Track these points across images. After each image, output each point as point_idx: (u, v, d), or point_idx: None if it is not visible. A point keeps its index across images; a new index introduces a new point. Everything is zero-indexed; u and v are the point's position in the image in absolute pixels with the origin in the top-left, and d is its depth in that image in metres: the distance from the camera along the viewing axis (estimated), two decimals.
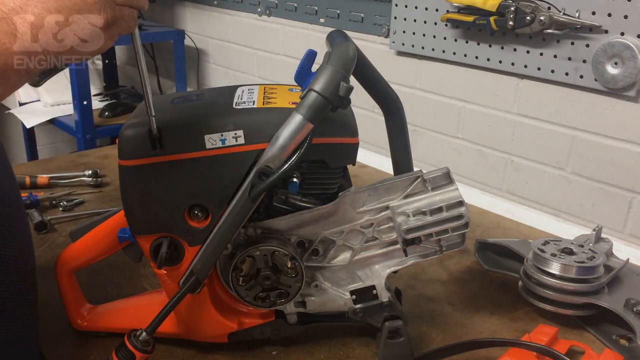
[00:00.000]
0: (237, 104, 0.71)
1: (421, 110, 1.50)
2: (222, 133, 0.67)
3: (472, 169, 1.44)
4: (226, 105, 0.71)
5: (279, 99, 0.73)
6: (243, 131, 0.67)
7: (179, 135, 0.68)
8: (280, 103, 0.71)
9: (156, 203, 0.70)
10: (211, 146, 0.67)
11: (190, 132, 0.68)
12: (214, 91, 0.78)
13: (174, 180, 0.68)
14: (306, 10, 1.73)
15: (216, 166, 0.68)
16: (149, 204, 0.70)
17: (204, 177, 0.68)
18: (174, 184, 0.69)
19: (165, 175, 0.68)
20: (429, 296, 0.95)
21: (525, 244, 0.98)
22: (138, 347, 0.69)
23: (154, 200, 0.69)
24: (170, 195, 0.69)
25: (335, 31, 0.73)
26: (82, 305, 0.82)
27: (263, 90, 0.76)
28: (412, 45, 1.45)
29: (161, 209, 0.70)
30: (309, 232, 0.74)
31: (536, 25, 1.16)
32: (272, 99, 0.72)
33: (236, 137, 0.67)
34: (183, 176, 0.68)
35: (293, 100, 0.71)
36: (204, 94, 0.75)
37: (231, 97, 0.73)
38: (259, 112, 0.69)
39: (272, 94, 0.74)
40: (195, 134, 0.67)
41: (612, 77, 1.11)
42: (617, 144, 1.17)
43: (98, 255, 0.78)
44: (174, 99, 0.75)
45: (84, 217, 1.16)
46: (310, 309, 0.78)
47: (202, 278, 0.71)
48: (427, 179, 0.73)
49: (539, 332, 0.80)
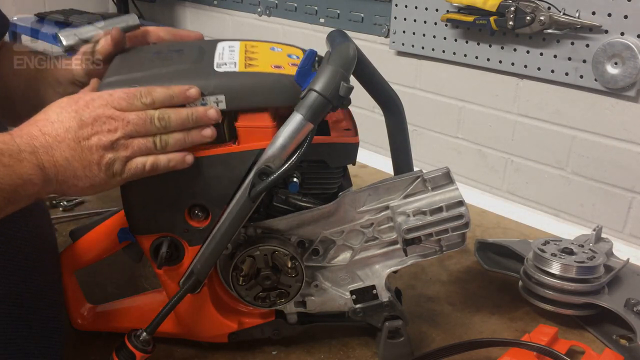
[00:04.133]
0: (218, 65, 0.69)
1: (421, 110, 1.50)
2: (203, 97, 0.66)
3: (472, 169, 1.44)
4: (207, 66, 0.69)
5: (260, 60, 0.71)
6: (225, 96, 0.66)
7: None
8: (262, 67, 0.70)
9: (156, 203, 0.70)
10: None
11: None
12: (195, 48, 0.75)
13: (174, 180, 0.68)
14: (306, 10, 1.73)
15: (216, 166, 0.68)
16: (149, 204, 0.70)
17: (204, 177, 0.68)
18: (174, 184, 0.68)
19: (165, 174, 0.68)
20: (429, 296, 0.95)
21: (525, 244, 0.98)
22: (138, 347, 0.69)
23: (154, 200, 0.69)
24: (170, 195, 0.69)
25: (335, 31, 0.73)
26: (82, 305, 0.81)
27: (244, 49, 0.74)
28: (412, 45, 1.45)
29: (161, 208, 0.70)
30: (309, 232, 0.74)
31: (536, 25, 1.16)
32: (254, 60, 0.71)
33: (217, 102, 0.67)
34: (183, 176, 0.68)
35: (275, 64, 0.70)
36: (184, 50, 0.74)
37: (212, 56, 0.71)
38: (240, 76, 0.68)
39: (254, 53, 0.73)
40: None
41: (612, 77, 1.11)
42: (617, 144, 1.17)
43: (98, 255, 0.78)
44: (155, 53, 0.74)
45: (84, 217, 1.16)
46: (311, 309, 0.78)
47: (202, 278, 0.71)
48: (427, 178, 0.73)
49: (539, 332, 0.80)
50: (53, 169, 0.59)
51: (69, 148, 0.60)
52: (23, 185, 0.57)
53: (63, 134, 0.60)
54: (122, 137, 0.62)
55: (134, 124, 0.62)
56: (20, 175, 0.57)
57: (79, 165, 0.60)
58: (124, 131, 0.62)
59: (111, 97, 0.63)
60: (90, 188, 0.63)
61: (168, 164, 0.65)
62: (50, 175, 0.59)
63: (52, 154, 0.59)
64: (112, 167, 0.62)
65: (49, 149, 0.59)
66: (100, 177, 0.62)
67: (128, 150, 0.62)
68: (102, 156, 0.61)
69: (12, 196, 0.57)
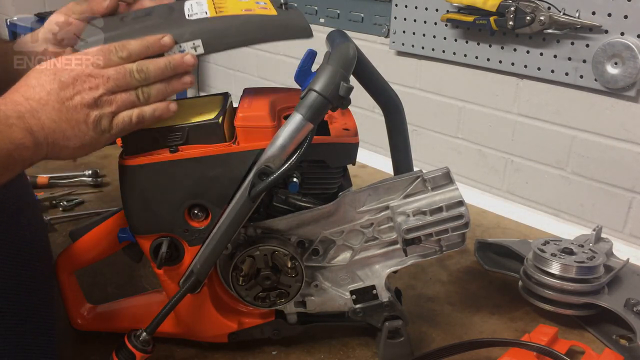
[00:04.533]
0: (189, 16, 0.70)
1: (421, 110, 1.50)
2: (180, 44, 0.67)
3: (472, 169, 1.44)
4: (179, 18, 0.70)
5: (229, 8, 0.72)
6: (201, 40, 0.67)
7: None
8: (232, 11, 0.70)
9: (156, 203, 0.70)
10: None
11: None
12: (163, 7, 0.76)
13: (174, 180, 0.68)
14: (306, 10, 1.73)
15: (216, 166, 0.68)
16: (149, 204, 0.70)
17: (204, 177, 0.68)
18: (174, 184, 0.68)
19: (165, 174, 0.68)
20: (429, 296, 0.95)
21: (525, 244, 0.98)
22: (138, 347, 0.69)
23: (154, 200, 0.69)
24: (170, 195, 0.69)
25: (335, 31, 0.73)
26: (82, 305, 0.82)
27: (212, 2, 0.74)
28: (412, 45, 1.45)
29: (161, 208, 0.70)
30: (309, 232, 0.74)
31: (536, 25, 1.16)
32: (223, 7, 0.72)
33: (195, 47, 0.67)
34: (183, 176, 0.68)
35: (245, 7, 0.71)
36: (154, 11, 0.74)
37: (181, 12, 0.72)
38: (213, 20, 0.69)
39: (222, 3, 0.73)
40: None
41: (612, 77, 1.11)
42: (617, 144, 1.17)
43: (98, 255, 0.78)
44: (123, 17, 0.74)
45: (84, 217, 1.16)
46: (310, 309, 0.78)
47: (202, 278, 0.71)
48: (427, 178, 0.73)
49: (539, 332, 0.80)
50: (42, 132, 0.60)
51: (54, 110, 0.61)
52: (16, 149, 0.58)
53: (46, 97, 0.61)
54: (104, 94, 0.63)
55: (114, 79, 0.63)
56: (12, 140, 0.57)
57: (67, 125, 0.61)
58: (106, 87, 0.63)
59: (87, 55, 0.64)
60: (81, 148, 0.63)
61: (154, 114, 0.66)
62: (40, 139, 0.60)
63: (38, 117, 0.60)
64: (99, 124, 0.63)
65: (34, 112, 0.60)
66: (90, 136, 0.63)
67: (113, 106, 0.63)
68: (88, 114, 0.62)
69: (7, 162, 0.58)
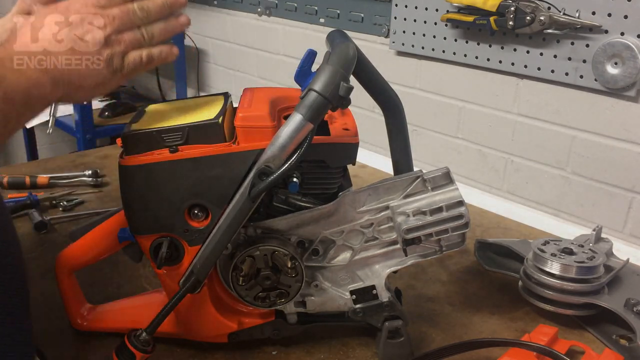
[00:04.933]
0: None
1: (421, 110, 1.50)
2: None
3: (472, 169, 1.44)
4: None
5: None
6: None
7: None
8: None
9: (156, 203, 0.70)
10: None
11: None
12: None
13: (174, 180, 0.68)
14: (306, 10, 1.73)
15: (216, 166, 0.68)
16: (149, 204, 0.70)
17: (204, 177, 0.68)
18: (174, 184, 0.68)
19: (165, 174, 0.68)
20: (429, 296, 0.95)
21: (525, 244, 0.98)
22: (138, 347, 0.69)
23: (154, 200, 0.69)
24: (170, 195, 0.69)
25: (335, 31, 0.73)
26: (82, 305, 0.82)
27: None
28: (412, 45, 1.45)
29: (161, 208, 0.70)
30: (309, 232, 0.74)
31: (536, 25, 1.16)
32: None
33: None
34: (183, 176, 0.68)
35: None
36: None
37: None
38: None
39: None
40: None
41: (612, 77, 1.11)
42: (617, 144, 1.17)
43: (98, 255, 0.78)
44: None
45: (84, 217, 1.16)
46: (310, 309, 0.78)
47: (202, 278, 0.71)
48: (427, 178, 0.73)
49: (539, 332, 0.80)
50: (57, 71, 0.61)
51: (67, 49, 0.62)
52: (34, 87, 0.59)
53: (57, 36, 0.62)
54: (112, 33, 0.64)
55: (119, 18, 0.65)
56: (29, 77, 0.58)
57: (81, 64, 0.62)
58: (113, 26, 0.64)
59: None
60: (96, 88, 0.65)
61: (160, 55, 0.68)
62: (57, 77, 0.61)
63: (51, 57, 0.61)
64: (112, 63, 0.64)
65: (46, 54, 0.61)
66: (104, 74, 0.64)
67: (122, 45, 0.65)
68: (100, 52, 0.63)
69: (27, 100, 0.58)
